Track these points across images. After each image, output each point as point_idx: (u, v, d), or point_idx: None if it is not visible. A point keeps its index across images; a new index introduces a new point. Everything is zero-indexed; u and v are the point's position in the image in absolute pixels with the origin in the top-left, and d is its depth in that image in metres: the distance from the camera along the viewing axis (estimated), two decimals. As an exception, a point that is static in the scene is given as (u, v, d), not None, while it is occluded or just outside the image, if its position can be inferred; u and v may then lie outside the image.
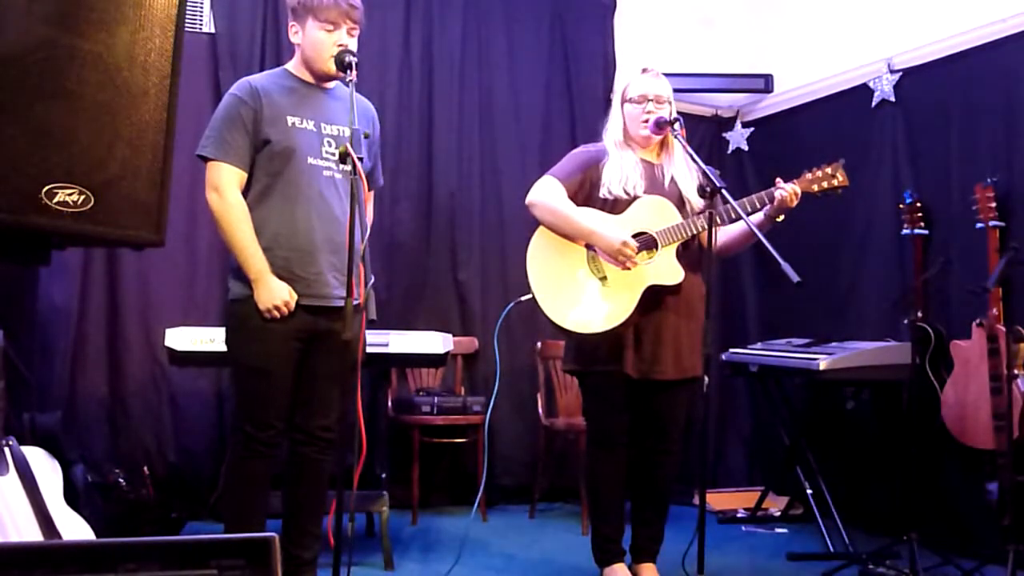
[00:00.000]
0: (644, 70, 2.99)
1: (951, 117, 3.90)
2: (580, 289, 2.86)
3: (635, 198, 2.88)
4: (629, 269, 2.81)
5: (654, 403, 2.92)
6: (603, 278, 2.86)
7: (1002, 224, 3.38)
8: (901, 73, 4.15)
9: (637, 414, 2.95)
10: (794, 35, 4.88)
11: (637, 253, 2.81)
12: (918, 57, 4.08)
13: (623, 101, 2.98)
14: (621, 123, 2.97)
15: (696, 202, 2.89)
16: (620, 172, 2.89)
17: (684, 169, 2.95)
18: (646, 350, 2.86)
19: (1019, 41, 3.62)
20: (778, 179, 2.81)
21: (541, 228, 2.95)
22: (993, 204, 3.38)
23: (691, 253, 2.90)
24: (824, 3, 4.68)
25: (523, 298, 2.95)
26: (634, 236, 2.83)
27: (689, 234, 2.83)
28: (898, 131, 4.16)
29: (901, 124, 4.15)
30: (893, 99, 4.17)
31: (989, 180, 3.43)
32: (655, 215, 2.86)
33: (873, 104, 4.26)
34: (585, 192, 2.94)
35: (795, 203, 2.77)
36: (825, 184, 2.83)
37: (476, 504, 3.84)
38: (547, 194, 2.91)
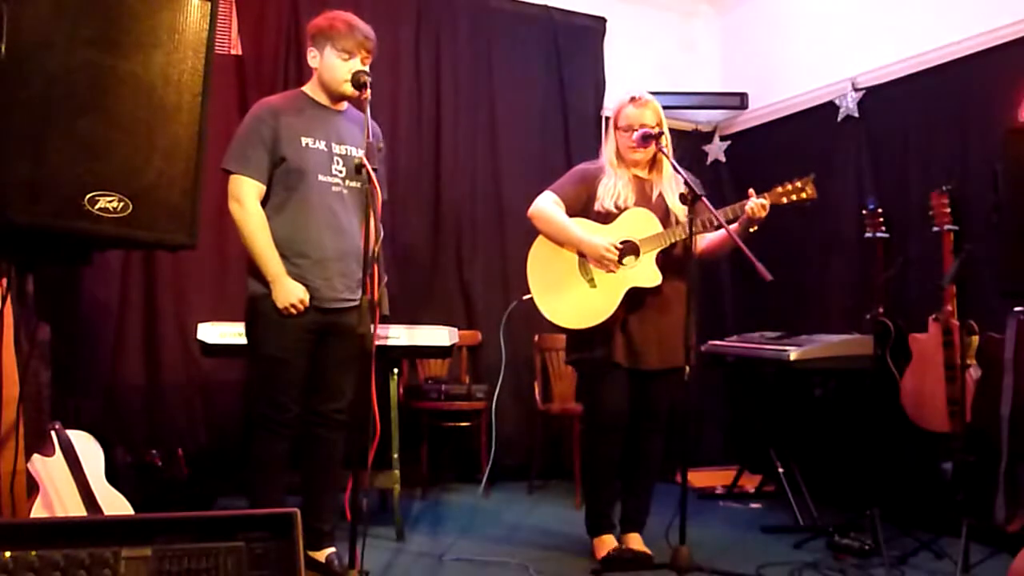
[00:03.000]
0: (633, 99, 2.96)
1: (909, 131, 3.90)
2: (571, 290, 2.92)
3: (625, 210, 2.92)
4: (613, 272, 2.86)
5: (642, 389, 2.95)
6: (591, 280, 2.92)
7: (956, 228, 3.37)
8: (864, 91, 4.15)
9: (628, 399, 2.97)
10: (767, 57, 4.87)
11: (620, 259, 2.86)
12: (880, 77, 4.08)
13: (615, 127, 3.00)
14: (615, 146, 3.00)
15: (681, 214, 2.90)
16: (613, 189, 2.94)
17: (672, 184, 2.98)
18: (632, 343, 2.90)
19: (971, 62, 3.62)
20: (751, 190, 2.80)
21: (540, 237, 3.02)
22: (948, 210, 3.38)
23: (673, 258, 2.92)
24: (794, 28, 4.68)
25: (524, 297, 3.04)
26: (621, 243, 2.87)
27: (668, 242, 2.86)
28: (861, 144, 4.15)
29: (864, 137, 4.14)
30: (857, 115, 4.17)
31: (944, 188, 3.43)
32: (639, 225, 2.90)
33: (839, 119, 4.25)
34: (582, 205, 2.99)
35: (764, 215, 2.76)
36: (794, 197, 2.81)
37: (483, 482, 3.83)
38: (544, 207, 2.98)
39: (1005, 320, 2.89)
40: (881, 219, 3.74)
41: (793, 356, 3.54)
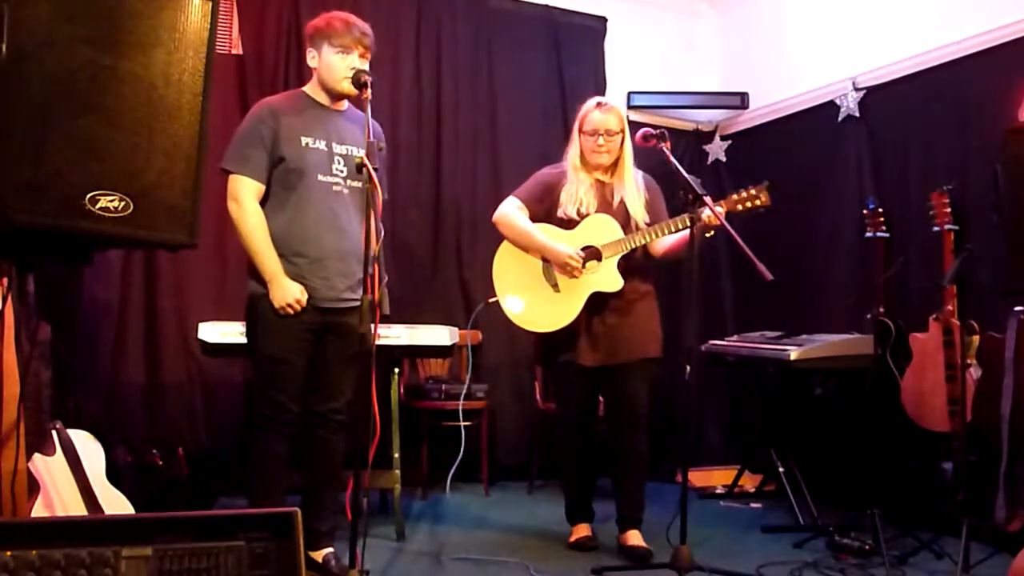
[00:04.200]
0: (598, 104, 3.06)
1: (910, 130, 3.90)
2: (536, 295, 3.01)
3: (587, 215, 2.99)
4: (576, 278, 2.93)
5: (613, 384, 3.03)
6: (555, 285, 2.99)
7: (956, 228, 3.37)
8: (865, 91, 4.15)
9: (604, 397, 3.11)
10: (767, 57, 4.87)
11: (583, 264, 2.92)
12: (880, 76, 4.08)
13: (579, 131, 3.03)
14: (579, 149, 3.06)
15: (641, 218, 3.00)
16: (575, 195, 3.02)
17: (633, 189, 3.04)
18: (597, 344, 2.98)
19: (971, 61, 3.62)
20: (707, 198, 2.80)
21: (505, 242, 3.09)
22: (948, 209, 3.38)
23: (633, 261, 3.00)
24: (794, 27, 4.68)
25: (490, 300, 3.13)
26: (583, 249, 2.95)
27: (629, 247, 2.93)
28: (862, 143, 4.15)
29: (865, 137, 4.14)
30: (857, 114, 4.17)
31: (945, 187, 3.43)
32: (601, 231, 2.97)
33: (839, 119, 4.25)
34: (545, 210, 3.07)
35: (719, 222, 2.74)
36: (749, 204, 2.87)
37: (449, 477, 3.82)
38: (508, 213, 3.07)
39: (1005, 320, 2.89)
40: (881, 219, 3.74)
41: (793, 356, 3.54)
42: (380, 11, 4.22)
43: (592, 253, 2.96)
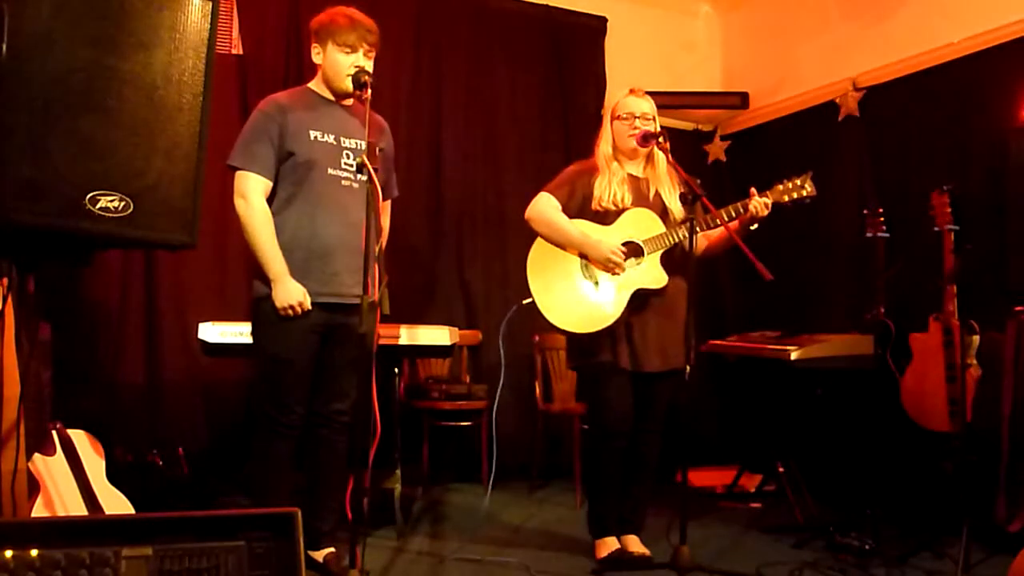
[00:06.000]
0: (631, 91, 3.02)
1: (910, 130, 3.90)
2: (575, 294, 2.88)
3: (623, 210, 2.90)
4: (618, 275, 2.84)
5: (642, 391, 2.93)
6: (595, 283, 2.88)
7: (956, 228, 3.37)
8: (865, 91, 4.15)
9: (632, 403, 2.95)
10: (767, 56, 4.87)
11: (625, 260, 2.84)
12: (881, 76, 4.08)
13: (612, 118, 2.99)
14: (611, 138, 2.99)
15: (678, 212, 2.92)
16: (609, 187, 2.91)
17: (668, 182, 2.97)
18: (636, 346, 2.88)
19: (971, 62, 3.62)
20: (752, 189, 2.80)
21: (538, 240, 2.97)
22: (948, 209, 3.38)
23: (674, 258, 2.91)
24: (794, 27, 4.68)
25: (525, 302, 2.96)
26: (623, 244, 2.86)
27: (671, 242, 2.85)
28: (862, 143, 4.16)
29: (865, 137, 4.15)
30: (858, 114, 4.17)
31: (945, 188, 3.43)
32: (641, 225, 2.89)
33: (839, 119, 4.25)
34: (578, 205, 2.96)
35: (766, 213, 2.76)
36: (795, 195, 2.83)
37: (489, 488, 3.82)
38: (543, 209, 2.94)
39: (1005, 320, 2.89)
40: (881, 218, 3.73)
41: (793, 356, 3.54)
42: (380, 10, 4.21)
43: (633, 249, 2.86)
